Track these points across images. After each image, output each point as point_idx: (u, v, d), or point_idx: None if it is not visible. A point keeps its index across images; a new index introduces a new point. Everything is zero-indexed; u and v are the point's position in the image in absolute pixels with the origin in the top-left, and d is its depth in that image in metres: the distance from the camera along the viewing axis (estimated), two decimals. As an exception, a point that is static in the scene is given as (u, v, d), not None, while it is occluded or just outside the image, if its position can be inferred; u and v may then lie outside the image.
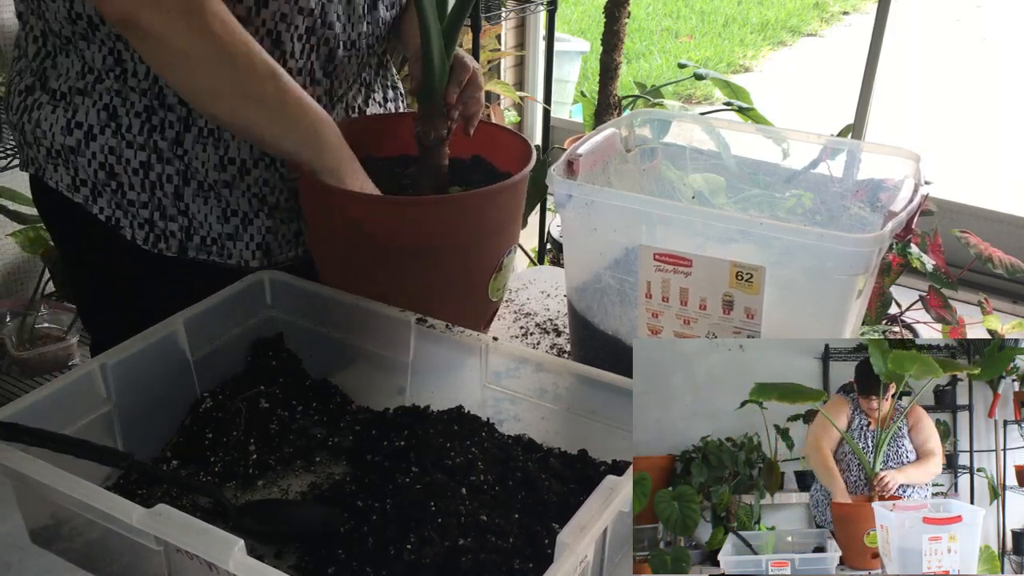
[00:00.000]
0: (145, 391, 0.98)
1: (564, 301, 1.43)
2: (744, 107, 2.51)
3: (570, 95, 4.55)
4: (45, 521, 0.87)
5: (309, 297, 1.10)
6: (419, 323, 1.02)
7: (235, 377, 1.06)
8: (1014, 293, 3.43)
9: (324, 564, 0.83)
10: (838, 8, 7.69)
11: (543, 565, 0.72)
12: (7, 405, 0.87)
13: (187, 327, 1.02)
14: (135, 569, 0.81)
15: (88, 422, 0.93)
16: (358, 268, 1.12)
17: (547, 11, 2.87)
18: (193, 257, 1.19)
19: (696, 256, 1.02)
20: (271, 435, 0.99)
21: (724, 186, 1.28)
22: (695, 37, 6.93)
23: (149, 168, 1.14)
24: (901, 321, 2.33)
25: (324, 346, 1.10)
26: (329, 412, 1.05)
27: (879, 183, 1.17)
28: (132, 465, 0.85)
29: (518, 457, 0.94)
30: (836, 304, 1.01)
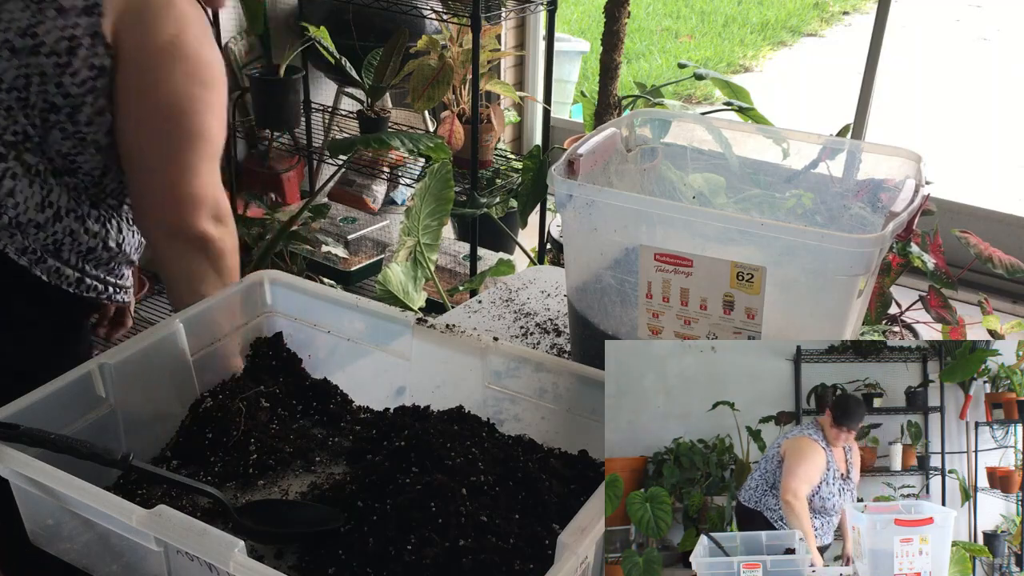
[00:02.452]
0: (145, 391, 0.98)
1: (564, 301, 1.43)
2: (744, 107, 2.51)
3: (570, 95, 4.54)
4: (45, 521, 0.86)
5: (308, 296, 1.10)
6: (419, 323, 1.02)
7: (235, 377, 1.06)
8: (1014, 293, 3.42)
9: (324, 564, 0.83)
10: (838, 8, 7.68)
11: (543, 566, 0.72)
12: (7, 405, 0.87)
13: (187, 327, 1.01)
14: (135, 570, 0.81)
15: (88, 422, 0.93)
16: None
17: (547, 11, 2.87)
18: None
19: (697, 256, 1.02)
20: (271, 435, 0.99)
21: (724, 186, 1.28)
22: (695, 37, 6.92)
23: (92, 252, 1.30)
24: (901, 321, 2.33)
25: (324, 346, 1.10)
26: (329, 412, 1.05)
27: (880, 183, 1.17)
28: (131, 465, 0.85)
29: (518, 457, 0.94)
30: (837, 304, 1.01)
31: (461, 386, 1.02)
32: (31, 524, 0.88)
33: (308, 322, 1.11)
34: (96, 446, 0.86)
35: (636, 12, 6.66)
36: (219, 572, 0.73)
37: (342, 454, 1.00)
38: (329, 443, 1.00)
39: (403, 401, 1.05)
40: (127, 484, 0.93)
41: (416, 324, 1.03)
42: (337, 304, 1.08)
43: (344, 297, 1.08)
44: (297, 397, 1.05)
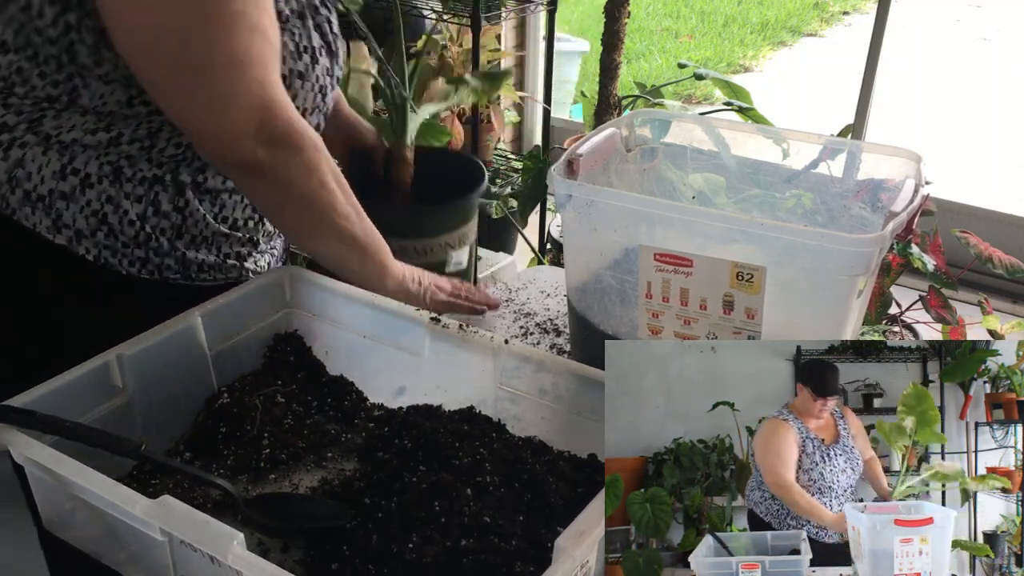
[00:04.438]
0: (161, 383, 0.99)
1: (564, 301, 1.43)
2: (744, 107, 2.51)
3: (570, 95, 4.54)
4: (59, 509, 0.87)
5: (327, 294, 1.11)
6: (433, 322, 1.03)
7: (252, 371, 1.07)
8: (1014, 293, 3.42)
9: (329, 559, 0.83)
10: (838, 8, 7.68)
11: (544, 568, 0.72)
12: (24, 392, 0.88)
13: (205, 321, 1.02)
14: (142, 558, 0.81)
15: (103, 412, 0.94)
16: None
17: (547, 11, 2.87)
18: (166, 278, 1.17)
19: (697, 256, 1.02)
20: (285, 430, 0.99)
21: (724, 186, 1.28)
22: (695, 37, 6.92)
23: (144, 220, 1.12)
24: (901, 321, 2.33)
25: (341, 343, 1.11)
26: (344, 409, 1.06)
27: (880, 183, 1.17)
28: (142, 455, 0.85)
29: (527, 459, 0.94)
30: (836, 304, 1.01)
31: (473, 386, 1.03)
32: (45, 511, 0.89)
33: (327, 319, 1.12)
34: (109, 435, 0.86)
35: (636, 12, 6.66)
36: (220, 563, 0.73)
37: (354, 450, 1.00)
38: (342, 439, 1.01)
39: (415, 399, 1.05)
40: (140, 475, 0.93)
41: (430, 323, 1.03)
42: (355, 302, 1.09)
43: (362, 295, 1.09)
44: (312, 393, 1.06)
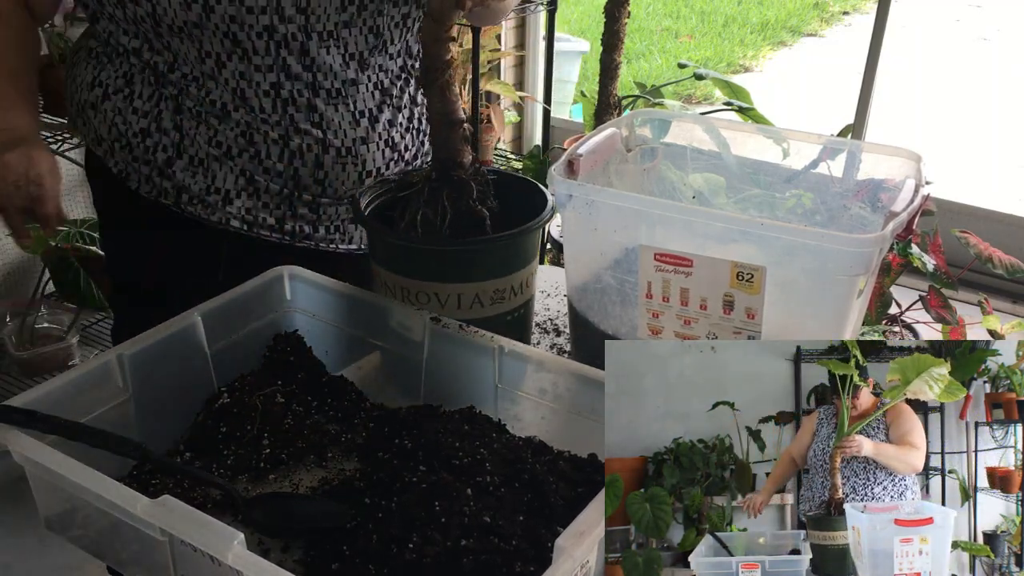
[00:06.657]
0: (162, 383, 0.99)
1: (564, 301, 1.43)
2: (744, 107, 2.51)
3: (570, 95, 4.54)
4: (59, 508, 0.88)
5: (327, 293, 1.11)
6: (433, 322, 1.03)
7: (252, 371, 1.07)
8: (1014, 293, 3.42)
9: (329, 559, 0.83)
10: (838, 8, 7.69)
11: (544, 568, 0.72)
12: (25, 392, 0.89)
13: (205, 320, 1.02)
14: (142, 558, 0.82)
15: (104, 412, 0.94)
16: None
17: (547, 11, 2.87)
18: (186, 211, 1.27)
19: (697, 256, 1.02)
20: (285, 430, 0.99)
21: (724, 186, 1.28)
22: (695, 37, 6.92)
23: (147, 135, 1.23)
24: (901, 321, 2.33)
25: (341, 342, 1.12)
26: (344, 409, 1.06)
27: (880, 183, 1.17)
28: (143, 455, 0.86)
29: (527, 459, 0.94)
30: (837, 304, 1.01)
31: (474, 386, 1.03)
32: (45, 510, 0.89)
33: (326, 319, 1.12)
34: (110, 435, 0.87)
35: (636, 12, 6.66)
36: (221, 563, 0.73)
37: (354, 450, 1.00)
38: (342, 439, 1.01)
39: (416, 400, 1.05)
40: (141, 475, 0.94)
41: (430, 323, 1.03)
42: (355, 301, 1.09)
43: (362, 294, 1.09)
44: (312, 393, 1.06)
